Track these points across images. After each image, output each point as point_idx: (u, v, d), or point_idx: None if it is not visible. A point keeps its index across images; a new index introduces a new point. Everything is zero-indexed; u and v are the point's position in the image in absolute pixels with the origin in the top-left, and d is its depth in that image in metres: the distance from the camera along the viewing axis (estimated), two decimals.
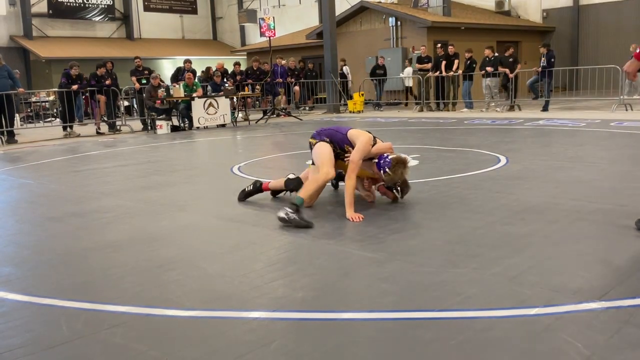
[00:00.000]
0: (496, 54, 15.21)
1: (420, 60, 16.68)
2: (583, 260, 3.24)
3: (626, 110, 12.78)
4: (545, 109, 13.99)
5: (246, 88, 16.06)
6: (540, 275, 3.01)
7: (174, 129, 13.48)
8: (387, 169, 4.65)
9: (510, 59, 14.85)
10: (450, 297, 2.78)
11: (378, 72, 17.58)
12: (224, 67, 16.89)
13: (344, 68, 18.70)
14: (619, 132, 9.21)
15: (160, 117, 13.41)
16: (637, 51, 3.61)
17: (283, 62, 17.60)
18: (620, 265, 3.15)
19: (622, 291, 2.74)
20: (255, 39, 28.85)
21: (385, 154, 4.81)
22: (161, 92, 13.46)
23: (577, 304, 2.62)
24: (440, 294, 2.82)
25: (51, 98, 18.87)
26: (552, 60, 14.24)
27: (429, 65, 16.24)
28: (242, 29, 31.74)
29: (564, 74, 16.64)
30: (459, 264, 3.24)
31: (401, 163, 4.66)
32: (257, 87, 15.99)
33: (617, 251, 3.38)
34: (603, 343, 2.25)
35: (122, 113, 15.43)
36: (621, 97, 13.17)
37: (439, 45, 16.19)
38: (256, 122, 14.91)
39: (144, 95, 13.85)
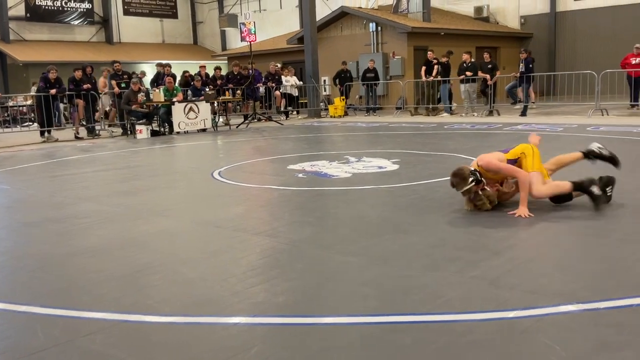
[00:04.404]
0: (473, 60, 15.36)
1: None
2: (561, 263, 3.29)
3: (602, 115, 12.99)
4: (523, 113, 14.17)
5: (227, 93, 16.00)
6: (519, 278, 3.04)
7: (154, 133, 13.37)
8: None
9: (489, 65, 15.02)
10: (430, 301, 2.79)
11: (368, 76, 17.61)
12: (205, 71, 16.83)
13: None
14: (596, 137, 9.36)
15: (140, 121, 13.29)
16: None
17: (271, 65, 17.61)
18: (597, 268, 3.19)
19: (599, 294, 2.78)
20: (236, 43, 28.79)
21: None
22: (141, 97, 13.35)
23: (555, 306, 2.65)
24: (421, 298, 2.83)
25: (28, 102, 18.60)
26: (531, 65, 14.43)
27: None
28: (223, 33, 31.66)
29: (542, 79, 16.86)
30: (439, 268, 3.26)
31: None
32: (238, 91, 15.94)
33: (595, 254, 3.43)
34: (581, 345, 2.28)
35: (101, 118, 15.27)
36: (597, 102, 13.39)
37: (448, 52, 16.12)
38: (237, 127, 14.86)
39: (122, 99, 13.72)
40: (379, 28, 19.86)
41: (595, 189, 4.42)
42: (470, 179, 4.42)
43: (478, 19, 23.12)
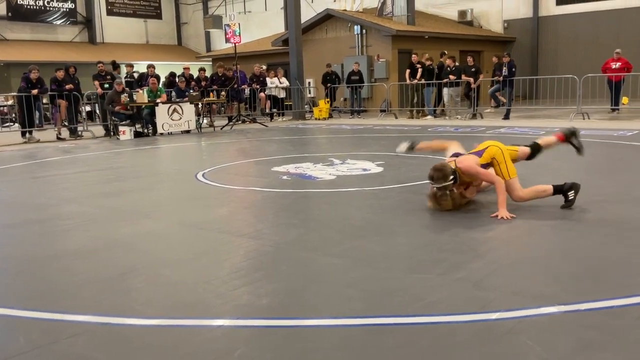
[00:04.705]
0: (457, 64, 15.49)
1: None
2: (543, 264, 3.32)
3: (583, 119, 13.16)
4: (506, 117, 14.30)
5: (211, 94, 15.94)
6: (502, 280, 3.07)
7: (138, 134, 13.27)
8: None
9: (473, 69, 15.15)
10: (414, 303, 2.80)
11: (353, 79, 17.65)
12: (190, 72, 16.76)
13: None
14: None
15: (123, 122, 13.19)
16: None
17: (256, 68, 17.59)
18: (578, 269, 3.23)
19: (581, 295, 2.81)
20: (220, 44, 28.70)
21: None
22: (124, 98, 13.25)
23: (537, 307, 2.67)
24: (405, 300, 2.84)
25: (9, 102, 18.37)
26: (513, 69, 14.58)
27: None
28: (208, 34, 31.54)
29: (525, 83, 17.03)
30: (423, 270, 3.27)
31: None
32: (223, 93, 15.89)
33: (576, 256, 3.47)
34: (562, 346, 2.30)
35: (84, 118, 15.13)
36: (579, 106, 13.56)
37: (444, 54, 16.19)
38: (221, 129, 14.81)
39: (105, 100, 13.61)
40: (364, 31, 19.93)
41: (572, 194, 4.63)
42: (451, 177, 4.52)
43: (462, 22, 23.32)
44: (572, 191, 4.64)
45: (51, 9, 27.42)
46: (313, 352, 2.34)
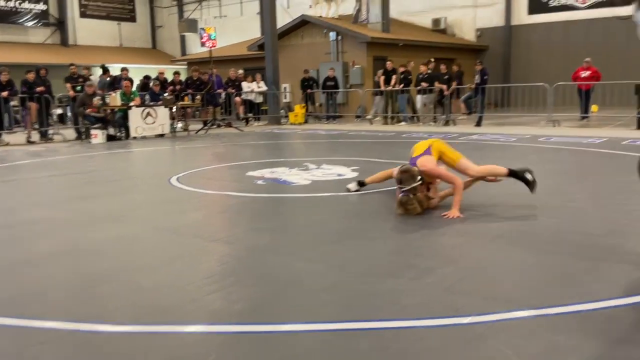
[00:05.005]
0: (429, 71, 15.67)
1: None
2: (514, 269, 3.37)
3: (554, 126, 13.41)
4: (478, 124, 14.50)
5: (185, 98, 15.82)
6: (474, 285, 3.11)
7: (110, 138, 13.10)
8: None
9: (446, 76, 15.33)
10: (387, 307, 2.82)
11: (328, 84, 17.70)
12: (164, 76, 16.62)
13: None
14: (547, 147, 9.66)
15: (95, 126, 13.00)
16: None
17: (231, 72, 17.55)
18: (548, 274, 3.29)
19: (551, 300, 2.86)
20: (195, 48, 28.50)
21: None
22: (97, 101, 13.07)
23: (508, 312, 2.71)
24: (378, 304, 2.86)
25: None
26: (486, 77, 14.80)
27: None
28: (183, 38, 31.30)
29: (497, 90, 17.28)
30: (396, 274, 3.30)
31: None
32: (198, 97, 15.78)
33: (547, 261, 3.54)
34: (532, 350, 2.34)
35: (55, 121, 14.87)
36: (550, 114, 13.82)
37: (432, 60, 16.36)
38: (196, 133, 14.70)
39: (76, 103, 13.41)
40: (339, 37, 20.02)
41: (529, 176, 4.96)
42: (418, 178, 4.64)
43: (436, 30, 23.60)
44: (528, 172, 4.98)
45: (22, 10, 26.92)
46: (286, 357, 2.33)
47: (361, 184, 5.93)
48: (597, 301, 2.81)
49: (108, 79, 15.92)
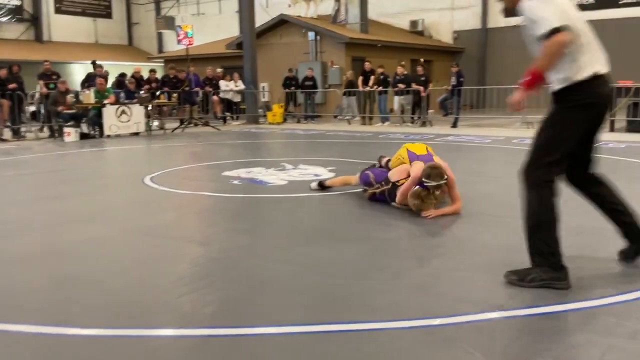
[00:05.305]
0: (405, 73, 15.77)
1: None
2: (485, 271, 3.40)
3: (528, 128, 13.59)
4: (454, 125, 14.63)
5: (161, 96, 15.66)
6: (445, 286, 3.13)
7: (83, 136, 12.90)
8: None
9: (423, 77, 15.43)
10: (359, 309, 2.82)
11: (307, 84, 17.67)
12: (140, 74, 16.43)
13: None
14: (521, 149, 9.78)
15: (68, 124, 12.79)
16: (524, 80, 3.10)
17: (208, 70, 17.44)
18: None
19: (519, 301, 2.89)
20: (173, 46, 28.22)
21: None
22: (70, 98, 12.86)
23: (478, 313, 2.74)
24: (350, 306, 2.86)
25: None
26: (462, 79, 14.94)
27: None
28: (160, 35, 31.00)
29: (472, 92, 17.44)
30: (368, 276, 3.30)
31: None
32: (174, 95, 15.63)
33: (516, 263, 3.57)
34: (501, 352, 2.36)
35: (28, 119, 14.60)
36: (524, 116, 14.00)
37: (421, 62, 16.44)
38: (172, 131, 14.57)
39: (49, 100, 13.18)
40: (318, 37, 20.02)
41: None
42: (445, 177, 4.68)
43: (413, 32, 23.75)
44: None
45: None
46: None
47: (321, 185, 5.94)
48: (567, 302, 2.84)
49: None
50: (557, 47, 2.75)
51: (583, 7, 20.67)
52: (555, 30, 2.74)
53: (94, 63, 16.66)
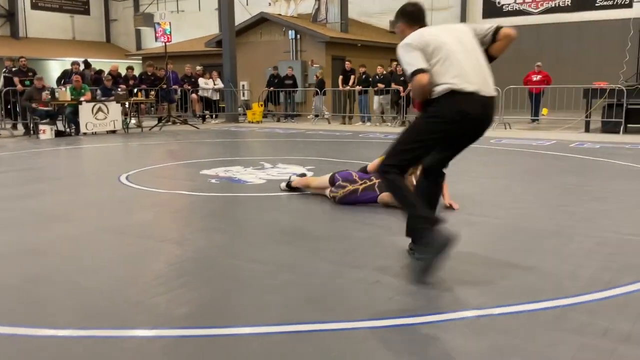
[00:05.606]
0: (385, 72, 15.82)
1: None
2: (460, 269, 3.41)
3: (505, 128, 13.74)
4: None
5: (139, 93, 15.49)
6: (419, 285, 3.13)
7: (59, 134, 12.71)
8: None
9: (402, 77, 15.48)
10: (335, 308, 2.81)
11: (287, 83, 17.62)
12: (118, 71, 16.22)
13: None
14: (498, 149, 9.88)
15: (44, 121, 12.58)
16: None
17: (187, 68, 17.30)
18: (493, 275, 3.34)
19: (495, 300, 2.91)
20: (151, 43, 27.94)
21: None
22: (46, 95, 12.65)
23: (452, 312, 2.75)
24: (326, 306, 2.85)
25: None
26: None
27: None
28: (138, 32, 30.69)
29: None
30: (345, 275, 3.29)
31: None
32: (152, 92, 15.47)
33: (491, 262, 3.60)
34: (474, 350, 2.37)
35: (2, 115, 14.34)
36: (501, 116, 14.14)
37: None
38: (150, 129, 14.42)
39: (23, 96, 12.95)
40: (298, 36, 20.00)
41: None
42: None
43: (393, 32, 23.82)
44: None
45: None
46: None
47: (288, 185, 5.90)
48: (540, 301, 2.87)
49: (92, 73, 15.67)
50: (419, 86, 3.16)
51: (560, 9, 21.00)
52: (416, 73, 3.14)
53: (86, 62, 16.45)
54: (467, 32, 3.41)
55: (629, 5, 18.76)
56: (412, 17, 3.50)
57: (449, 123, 3.19)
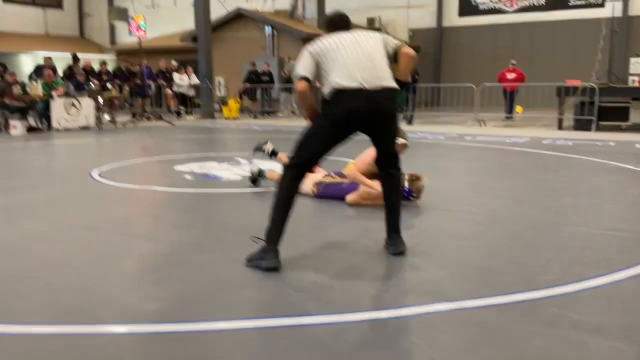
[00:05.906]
0: None
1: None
2: (433, 263, 3.42)
3: (480, 125, 13.87)
4: (410, 122, 14.80)
5: (112, 89, 15.26)
6: (394, 279, 3.15)
7: (31, 129, 12.46)
8: None
9: None
10: (308, 303, 2.80)
11: (263, 79, 17.52)
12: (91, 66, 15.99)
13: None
14: (473, 146, 9.97)
15: (14, 116, 12.32)
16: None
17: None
18: (466, 268, 3.36)
19: (467, 293, 2.93)
20: (126, 38, 27.58)
21: None
22: (17, 90, 12.39)
23: (424, 305, 2.76)
24: (301, 300, 2.84)
25: None
26: (417, 77, 15.12)
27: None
28: (112, 27, 30.23)
29: (427, 90, 17.65)
30: (320, 270, 3.28)
31: None
32: (126, 88, 15.26)
33: (464, 256, 3.62)
34: (445, 343, 2.38)
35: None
36: (476, 113, 14.28)
37: None
38: (123, 125, 14.22)
39: None
40: (275, 32, 19.91)
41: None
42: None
43: (370, 29, 23.91)
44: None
45: None
46: (203, 356, 2.27)
47: (254, 179, 5.90)
48: (512, 294, 2.90)
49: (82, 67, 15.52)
50: (298, 92, 3.43)
51: (534, 9, 21.27)
52: (299, 79, 3.36)
53: (74, 56, 16.19)
54: (374, 37, 3.53)
55: (602, 5, 19.08)
56: (330, 25, 3.73)
57: (337, 121, 3.34)
